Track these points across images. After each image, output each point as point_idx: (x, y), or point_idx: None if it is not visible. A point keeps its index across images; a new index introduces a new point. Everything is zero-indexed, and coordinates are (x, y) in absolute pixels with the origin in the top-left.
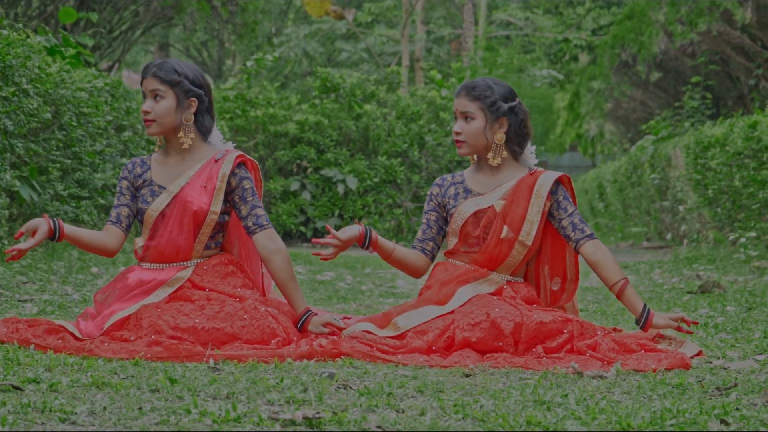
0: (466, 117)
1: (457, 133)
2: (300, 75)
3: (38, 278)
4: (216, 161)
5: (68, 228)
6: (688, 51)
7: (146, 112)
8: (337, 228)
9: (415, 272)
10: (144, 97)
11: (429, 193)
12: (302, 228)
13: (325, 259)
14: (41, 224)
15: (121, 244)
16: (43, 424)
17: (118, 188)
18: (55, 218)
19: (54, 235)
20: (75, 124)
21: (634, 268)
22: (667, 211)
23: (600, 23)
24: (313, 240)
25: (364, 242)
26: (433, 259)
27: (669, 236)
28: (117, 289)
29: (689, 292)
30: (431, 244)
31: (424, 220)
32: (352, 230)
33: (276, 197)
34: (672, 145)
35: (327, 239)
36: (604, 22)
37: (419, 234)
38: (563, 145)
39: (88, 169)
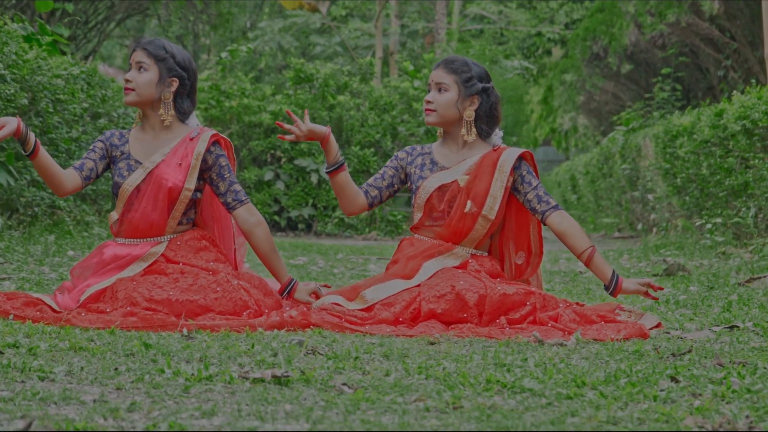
0: (440, 88)
1: (428, 102)
2: (275, 69)
3: (15, 259)
4: (191, 139)
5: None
6: (658, 43)
7: (128, 81)
8: (311, 217)
9: (350, 205)
10: (130, 68)
11: (395, 155)
12: (276, 217)
13: (282, 138)
14: (11, 121)
15: (74, 189)
16: (23, 382)
17: (91, 146)
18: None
19: (22, 137)
20: (51, 110)
21: (603, 255)
22: (637, 201)
23: (573, 17)
24: (288, 111)
25: (326, 143)
26: (370, 206)
27: (640, 226)
28: (93, 263)
29: (655, 275)
30: (376, 191)
31: (380, 172)
32: (321, 129)
33: (250, 187)
34: (642, 135)
35: (296, 120)
36: (577, 15)
37: (370, 180)
38: (537, 139)
39: (64, 155)
